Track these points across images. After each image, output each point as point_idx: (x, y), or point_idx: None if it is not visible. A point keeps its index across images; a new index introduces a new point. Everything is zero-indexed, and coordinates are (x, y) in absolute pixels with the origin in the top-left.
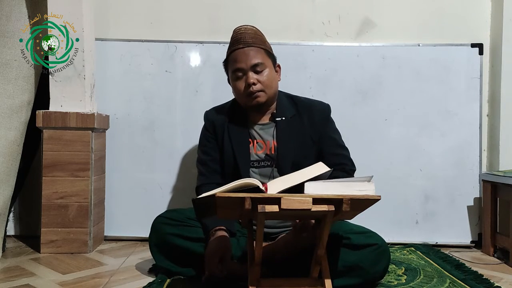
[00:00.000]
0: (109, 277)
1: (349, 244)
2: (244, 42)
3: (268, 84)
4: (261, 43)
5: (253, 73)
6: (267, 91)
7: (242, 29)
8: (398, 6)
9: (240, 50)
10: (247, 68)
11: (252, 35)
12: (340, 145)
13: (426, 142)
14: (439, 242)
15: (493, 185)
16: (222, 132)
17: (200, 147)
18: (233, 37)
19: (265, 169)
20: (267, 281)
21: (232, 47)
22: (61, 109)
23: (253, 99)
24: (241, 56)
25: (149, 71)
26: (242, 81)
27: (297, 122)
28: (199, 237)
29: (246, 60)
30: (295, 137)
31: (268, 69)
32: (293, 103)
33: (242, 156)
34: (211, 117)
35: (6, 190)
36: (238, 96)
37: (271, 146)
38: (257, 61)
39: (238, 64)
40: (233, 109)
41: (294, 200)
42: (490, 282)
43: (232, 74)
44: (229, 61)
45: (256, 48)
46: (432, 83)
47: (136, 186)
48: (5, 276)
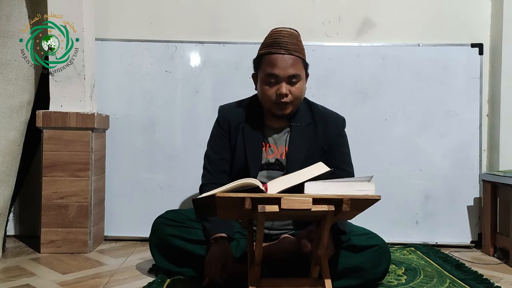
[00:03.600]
0: (109, 277)
1: (350, 246)
2: (286, 48)
3: (299, 97)
4: (301, 51)
5: (287, 83)
6: (295, 103)
7: (284, 31)
8: (398, 6)
9: (280, 56)
10: (283, 77)
11: (294, 42)
12: (348, 161)
13: (426, 142)
14: (439, 242)
15: (493, 185)
16: (237, 132)
17: (211, 142)
18: (273, 37)
19: (273, 172)
20: (267, 281)
21: (271, 48)
22: (61, 109)
23: (280, 109)
24: (280, 62)
25: (149, 71)
26: (273, 88)
27: (311, 131)
28: (199, 239)
29: (285, 68)
30: (307, 145)
31: (302, 81)
32: (310, 110)
33: (254, 159)
34: (227, 115)
35: (6, 190)
36: (266, 101)
37: (282, 152)
38: (295, 72)
39: (275, 70)
40: (250, 109)
41: (294, 200)
42: (490, 282)
43: (265, 77)
44: (264, 62)
45: (296, 57)
46: (432, 83)
47: (136, 186)
48: (5, 276)
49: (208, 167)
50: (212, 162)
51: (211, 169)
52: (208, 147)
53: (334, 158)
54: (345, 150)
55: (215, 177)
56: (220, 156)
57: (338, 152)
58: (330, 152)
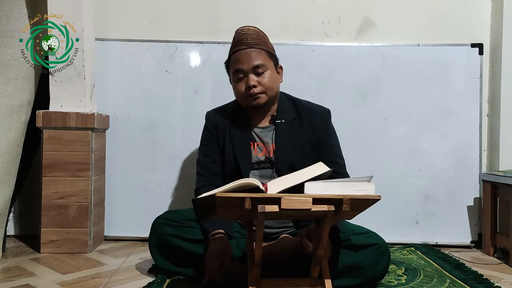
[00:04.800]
0: (109, 277)
1: (349, 245)
2: (246, 43)
3: (269, 86)
4: (263, 44)
5: (254, 75)
6: (268, 93)
7: (245, 29)
8: (398, 6)
9: (242, 51)
10: (248, 69)
11: (254, 36)
12: (338, 154)
13: (426, 142)
14: (439, 242)
15: (493, 185)
16: (224, 134)
17: (201, 147)
18: (235, 37)
19: (265, 171)
20: (267, 281)
21: (233, 48)
22: (61, 109)
23: (253, 100)
24: (242, 57)
25: (149, 71)
26: (242, 82)
27: (297, 126)
28: (198, 238)
29: (248, 61)
30: (294, 141)
31: (270, 71)
32: (294, 106)
33: (243, 158)
34: (213, 119)
35: (6, 190)
36: (239, 97)
37: (270, 149)
38: (258, 62)
39: (239, 65)
40: (235, 111)
41: (294, 200)
42: (490, 282)
43: (233, 75)
44: (231, 61)
45: (257, 49)
46: (432, 83)
47: (136, 186)
48: (5, 276)
49: (201, 171)
50: (204, 166)
51: (204, 173)
52: (199, 153)
53: (323, 151)
54: (333, 143)
55: (209, 180)
56: (211, 159)
57: (326, 145)
58: (318, 145)
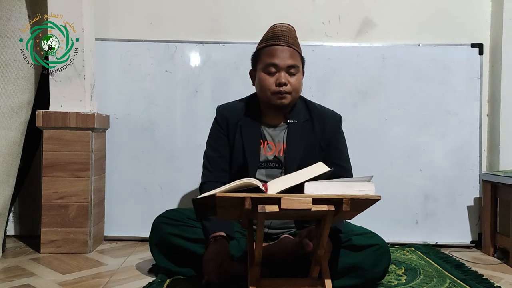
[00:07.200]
0: (109, 277)
1: (350, 245)
2: (284, 41)
3: (297, 88)
4: (298, 47)
5: (286, 73)
6: (294, 95)
7: (284, 27)
8: (398, 6)
9: (279, 47)
10: (283, 66)
11: (292, 35)
12: (345, 159)
13: (426, 142)
14: (439, 242)
15: (493, 185)
16: (235, 130)
17: (210, 141)
18: (273, 31)
19: (272, 170)
20: (267, 281)
21: (270, 41)
22: (61, 109)
23: (278, 98)
24: (279, 53)
25: (149, 71)
26: (273, 77)
27: (309, 128)
28: (199, 237)
29: (284, 58)
30: (305, 142)
31: (299, 74)
32: (306, 107)
33: (252, 156)
34: (225, 113)
35: (6, 190)
36: (263, 91)
37: (280, 148)
38: (294, 63)
39: (275, 59)
40: (247, 108)
41: (294, 200)
42: (490, 282)
43: (264, 68)
44: (263, 53)
45: (294, 50)
46: (432, 83)
47: (136, 186)
48: (5, 276)
49: (207, 165)
50: (211, 160)
51: (210, 167)
52: (207, 146)
53: (331, 155)
54: (342, 147)
55: (215, 176)
56: (219, 154)
57: (335, 149)
58: (327, 149)
